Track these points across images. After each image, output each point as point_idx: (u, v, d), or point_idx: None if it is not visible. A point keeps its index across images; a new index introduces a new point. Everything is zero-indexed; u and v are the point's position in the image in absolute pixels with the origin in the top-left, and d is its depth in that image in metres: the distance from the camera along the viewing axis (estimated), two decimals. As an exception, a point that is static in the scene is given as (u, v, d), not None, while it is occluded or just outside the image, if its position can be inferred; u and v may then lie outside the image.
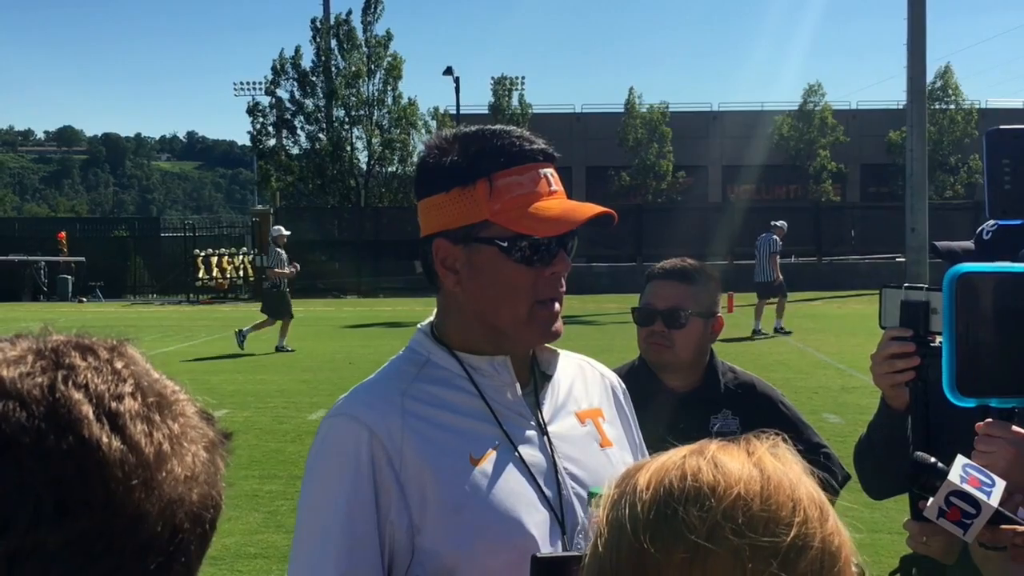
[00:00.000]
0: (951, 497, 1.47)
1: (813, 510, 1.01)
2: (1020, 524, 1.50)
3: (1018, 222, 2.00)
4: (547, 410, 1.87)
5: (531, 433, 1.82)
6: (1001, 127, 1.40)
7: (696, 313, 3.16)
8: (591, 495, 1.66)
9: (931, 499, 1.49)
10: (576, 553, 1.59)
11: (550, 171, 1.82)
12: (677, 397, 3.13)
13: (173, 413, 0.89)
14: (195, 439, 0.90)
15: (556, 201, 1.80)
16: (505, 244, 1.77)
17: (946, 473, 1.49)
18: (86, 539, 0.80)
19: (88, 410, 0.82)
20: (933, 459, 1.52)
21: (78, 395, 0.82)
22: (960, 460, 1.51)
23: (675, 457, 1.06)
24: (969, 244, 2.44)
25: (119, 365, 0.88)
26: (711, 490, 1.00)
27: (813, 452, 3.07)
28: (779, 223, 23.01)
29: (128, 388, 0.86)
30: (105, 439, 0.81)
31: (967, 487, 1.47)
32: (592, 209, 1.79)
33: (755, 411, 3.18)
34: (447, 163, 1.80)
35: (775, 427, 2.04)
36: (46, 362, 0.85)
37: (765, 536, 0.98)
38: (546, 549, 1.72)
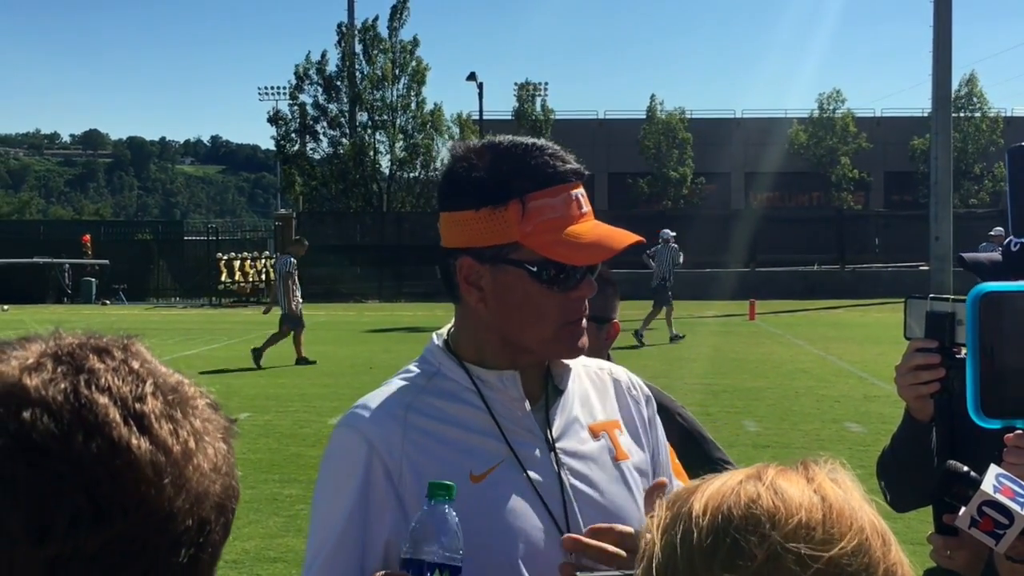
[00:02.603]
0: (984, 507, 1.45)
1: (876, 539, 0.99)
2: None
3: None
4: (557, 426, 1.84)
5: (538, 450, 1.79)
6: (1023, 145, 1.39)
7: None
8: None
9: (963, 508, 1.48)
10: (616, 572, 1.57)
11: (580, 191, 1.79)
12: None
13: (193, 408, 0.90)
14: (213, 431, 0.91)
15: (588, 226, 1.77)
16: (535, 269, 1.74)
17: (979, 482, 1.47)
18: (122, 540, 0.80)
19: (114, 413, 0.82)
20: (966, 468, 1.51)
21: (103, 399, 0.83)
22: (993, 469, 1.49)
23: (731, 482, 1.03)
24: (996, 256, 2.42)
25: (135, 365, 0.88)
26: (771, 518, 0.97)
27: (714, 467, 2.91)
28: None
29: (149, 388, 0.86)
30: (134, 441, 0.82)
31: (1000, 497, 1.45)
32: (627, 239, 1.77)
33: None
34: (477, 179, 1.76)
35: (672, 439, 2.02)
36: (65, 367, 0.84)
37: (827, 566, 0.95)
38: (546, 569, 1.69)
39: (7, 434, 0.79)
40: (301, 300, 18.24)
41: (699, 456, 3.05)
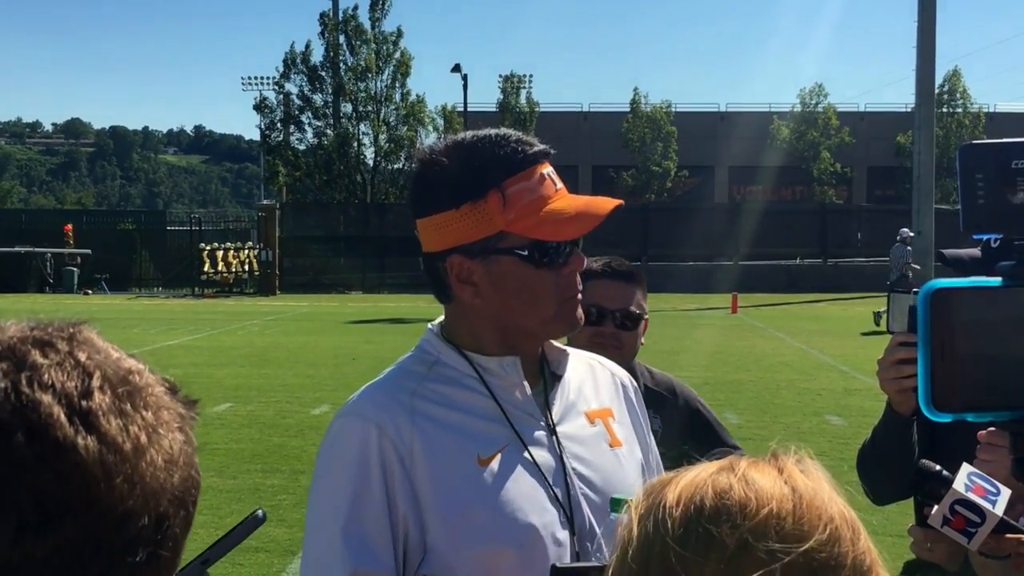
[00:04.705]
0: (956, 506, 1.46)
1: (845, 529, 1.00)
2: (1024, 533, 1.50)
3: (993, 236, 1.99)
4: (556, 410, 1.87)
5: (540, 433, 1.82)
6: (974, 142, 1.40)
7: (643, 314, 3.15)
8: (614, 502, 1.65)
9: (935, 507, 1.49)
10: (596, 564, 1.58)
11: (549, 169, 1.82)
12: None
13: (144, 399, 0.84)
14: (169, 421, 0.86)
15: (565, 200, 1.80)
16: (525, 253, 1.77)
17: (951, 481, 1.48)
18: (74, 544, 0.77)
19: (58, 411, 0.78)
20: (938, 467, 1.52)
21: (46, 397, 0.78)
22: (965, 468, 1.50)
23: (704, 473, 1.04)
24: (976, 252, 2.43)
25: (82, 357, 0.83)
26: (742, 508, 0.99)
27: (730, 453, 3.00)
28: None
29: (96, 382, 0.81)
30: (80, 440, 0.77)
31: (972, 496, 1.46)
32: (607, 205, 1.80)
33: (676, 411, 3.18)
34: (451, 178, 1.78)
35: (695, 428, 2.06)
36: (6, 364, 0.80)
37: (797, 556, 0.97)
38: (554, 549, 1.72)
39: None
40: None
41: (715, 443, 3.10)
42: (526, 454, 1.78)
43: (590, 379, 1.98)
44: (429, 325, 1.92)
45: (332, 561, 1.70)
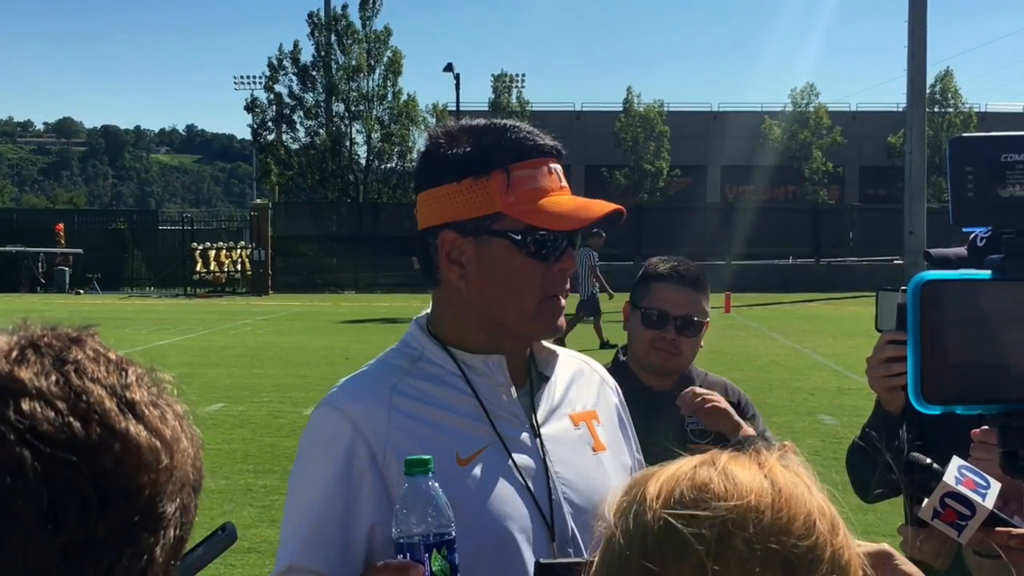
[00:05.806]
0: (946, 499, 1.47)
1: (824, 523, 1.01)
2: (1015, 526, 1.51)
3: (982, 229, 2.00)
4: (542, 412, 1.85)
5: (524, 435, 1.80)
6: (964, 135, 1.41)
7: (704, 321, 3.13)
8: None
9: (926, 500, 1.49)
10: (580, 559, 1.58)
11: (558, 167, 1.82)
12: (655, 396, 3.05)
13: (169, 396, 0.92)
14: (186, 415, 0.93)
15: (567, 197, 1.80)
16: (518, 237, 1.75)
17: (941, 474, 1.49)
18: (126, 525, 0.83)
19: (109, 402, 0.84)
20: (928, 460, 1.52)
21: (95, 388, 0.85)
22: (955, 461, 1.51)
23: (685, 467, 1.05)
24: (962, 250, 2.45)
25: (111, 355, 0.90)
26: (721, 501, 1.00)
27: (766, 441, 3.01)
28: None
29: (132, 377, 0.88)
30: (132, 428, 0.84)
31: (962, 489, 1.47)
32: (605, 206, 1.79)
33: None
34: (459, 153, 1.78)
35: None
36: (49, 358, 0.86)
37: (775, 549, 0.98)
38: (531, 553, 1.70)
39: (9, 425, 0.80)
40: (599, 290, 19.24)
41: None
42: (507, 455, 1.76)
43: (577, 381, 1.96)
44: (415, 317, 1.90)
45: (282, 550, 1.74)
